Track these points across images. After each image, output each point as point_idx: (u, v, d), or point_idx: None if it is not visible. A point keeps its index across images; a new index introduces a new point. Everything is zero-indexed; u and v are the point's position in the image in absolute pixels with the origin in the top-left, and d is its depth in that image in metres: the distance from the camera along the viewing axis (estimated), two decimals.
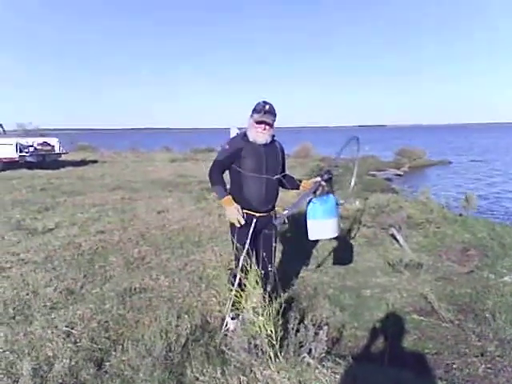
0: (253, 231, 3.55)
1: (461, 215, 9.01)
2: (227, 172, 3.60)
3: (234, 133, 3.77)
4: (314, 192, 3.59)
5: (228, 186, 3.62)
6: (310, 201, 3.61)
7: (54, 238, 6.46)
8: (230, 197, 3.47)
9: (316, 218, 3.54)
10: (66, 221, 7.65)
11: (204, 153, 26.99)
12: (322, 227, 3.57)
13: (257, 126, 3.45)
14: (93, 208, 8.95)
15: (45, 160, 17.79)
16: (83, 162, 20.48)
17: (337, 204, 3.68)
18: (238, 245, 3.46)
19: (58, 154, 18.90)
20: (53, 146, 18.55)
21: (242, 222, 3.43)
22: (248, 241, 3.51)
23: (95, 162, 21.36)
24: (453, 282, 5.08)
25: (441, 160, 29.44)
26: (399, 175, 21.94)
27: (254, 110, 3.47)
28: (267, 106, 3.42)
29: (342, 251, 5.97)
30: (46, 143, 18.33)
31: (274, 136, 3.61)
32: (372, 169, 21.79)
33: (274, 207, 3.71)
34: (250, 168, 3.47)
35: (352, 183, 4.17)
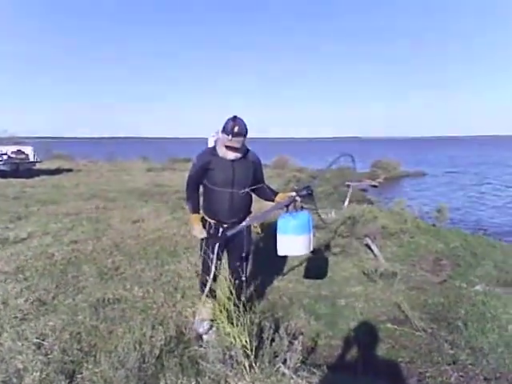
0: (221, 240, 3.56)
1: (434, 225, 9.16)
2: None
3: (211, 142, 3.75)
4: (287, 206, 3.51)
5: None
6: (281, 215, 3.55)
7: (26, 248, 6.34)
8: (197, 215, 3.58)
9: (285, 233, 3.45)
10: (38, 230, 7.51)
11: (181, 162, 26.90)
12: (290, 243, 3.46)
13: (226, 149, 3.40)
14: (67, 217, 8.81)
15: (19, 168, 17.53)
16: (58, 171, 20.18)
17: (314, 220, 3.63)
18: (207, 253, 3.51)
19: (32, 162, 18.65)
20: (27, 155, 18.30)
21: (203, 236, 3.57)
22: (216, 250, 3.52)
23: (70, 170, 21.08)
24: (426, 291, 5.15)
25: (415, 171, 29.97)
26: (375, 186, 22.20)
27: (224, 129, 3.34)
28: (236, 128, 3.27)
29: (316, 265, 5.96)
30: (20, 151, 18.08)
31: (246, 148, 3.57)
32: (348, 179, 21.96)
33: (244, 218, 3.68)
34: (217, 181, 3.47)
35: (346, 203, 4.13)
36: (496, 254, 6.81)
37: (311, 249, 3.60)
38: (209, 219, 3.61)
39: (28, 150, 18.47)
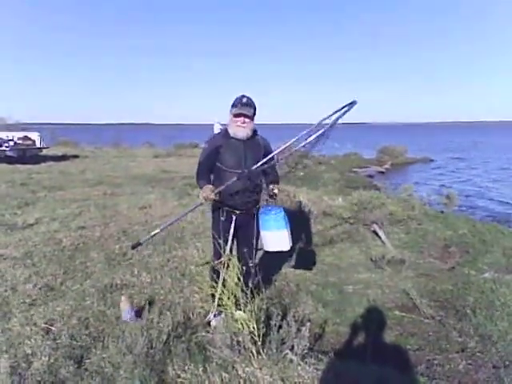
0: (234, 228, 3.56)
1: (442, 212, 9.10)
2: None
3: (217, 128, 3.71)
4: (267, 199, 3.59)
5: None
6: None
7: (34, 234, 6.37)
8: (208, 185, 3.42)
9: (270, 229, 3.51)
10: (46, 216, 7.54)
11: (187, 148, 26.86)
12: (278, 238, 3.51)
13: (236, 119, 3.45)
14: (74, 203, 8.84)
15: (25, 155, 17.56)
16: (64, 157, 20.19)
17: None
18: (219, 241, 3.45)
19: (38, 148, 18.66)
20: (33, 141, 18.31)
21: (211, 198, 3.37)
22: (230, 237, 3.53)
23: (76, 156, 21.07)
24: (434, 278, 5.12)
25: (422, 157, 29.77)
26: (381, 172, 22.08)
27: (233, 105, 3.47)
28: (244, 99, 3.42)
29: (305, 255, 5.90)
30: (26, 137, 18.09)
31: (256, 131, 3.60)
32: (354, 166, 21.92)
33: (256, 203, 3.70)
34: (230, 164, 3.48)
35: None
36: (505, 241, 6.74)
37: (287, 247, 3.58)
38: (221, 205, 3.60)
39: (34, 136, 18.47)
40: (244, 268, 3.26)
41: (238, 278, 3.04)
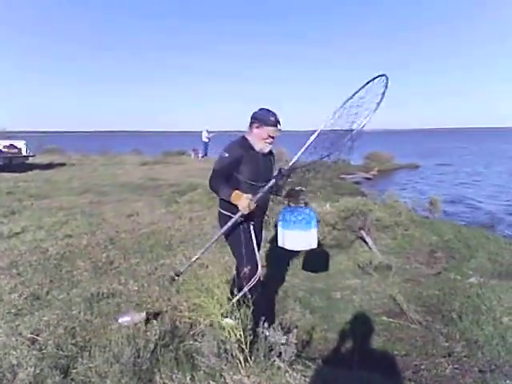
0: (254, 235, 3.57)
1: (427, 218, 9.18)
2: None
3: (204, 136, 3.66)
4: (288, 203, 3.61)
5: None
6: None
7: (20, 243, 6.30)
8: (237, 191, 3.33)
9: (290, 228, 3.51)
10: (32, 225, 7.47)
11: (175, 156, 26.81)
12: (295, 238, 3.51)
13: (269, 139, 3.44)
14: (60, 212, 8.77)
15: (11, 163, 17.42)
16: (51, 165, 20.05)
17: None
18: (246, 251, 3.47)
19: (24, 156, 18.55)
20: (19, 149, 18.19)
21: (252, 207, 3.30)
22: (256, 246, 3.53)
23: (63, 165, 20.94)
24: (421, 283, 5.16)
25: (409, 163, 30.06)
26: (368, 179, 22.22)
27: (264, 122, 3.39)
28: (277, 117, 3.40)
29: (315, 258, 5.95)
30: (12, 146, 17.97)
31: None
32: (342, 172, 22.01)
33: (265, 213, 3.79)
34: (248, 175, 3.44)
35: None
36: (490, 245, 6.83)
37: (315, 245, 3.59)
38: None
39: (20, 144, 18.36)
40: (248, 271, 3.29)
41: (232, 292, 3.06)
